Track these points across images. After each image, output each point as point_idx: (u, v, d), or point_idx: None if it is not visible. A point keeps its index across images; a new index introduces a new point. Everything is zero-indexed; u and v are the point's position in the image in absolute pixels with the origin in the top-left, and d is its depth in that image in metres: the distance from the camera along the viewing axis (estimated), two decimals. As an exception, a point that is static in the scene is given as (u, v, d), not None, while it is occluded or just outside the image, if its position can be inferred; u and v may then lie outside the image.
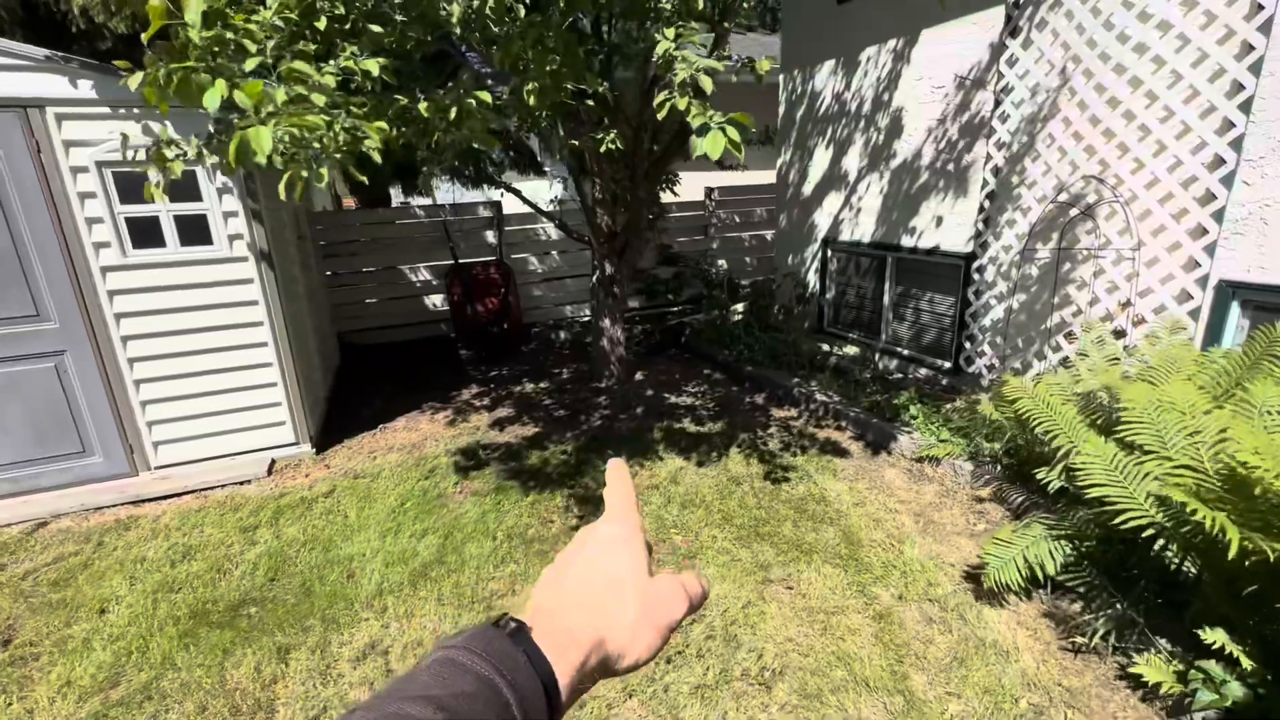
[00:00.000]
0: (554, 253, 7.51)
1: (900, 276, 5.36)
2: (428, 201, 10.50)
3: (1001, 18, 4.04)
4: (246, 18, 1.91)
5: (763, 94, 7.18)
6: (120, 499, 3.57)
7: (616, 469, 0.53)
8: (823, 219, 6.09)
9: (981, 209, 4.35)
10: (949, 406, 4.20)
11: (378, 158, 2.20)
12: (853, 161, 5.60)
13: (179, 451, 3.83)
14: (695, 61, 1.84)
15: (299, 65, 1.91)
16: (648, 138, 4.32)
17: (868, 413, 4.34)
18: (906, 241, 5.09)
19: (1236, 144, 3.02)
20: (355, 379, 5.86)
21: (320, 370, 5.00)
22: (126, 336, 3.57)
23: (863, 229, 5.56)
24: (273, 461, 3.99)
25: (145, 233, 3.52)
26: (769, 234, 8.29)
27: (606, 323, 5.21)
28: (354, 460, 4.06)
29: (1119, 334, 3.58)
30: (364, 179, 2.20)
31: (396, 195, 12.19)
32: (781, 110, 6.52)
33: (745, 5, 3.13)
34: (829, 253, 6.13)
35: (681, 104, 1.82)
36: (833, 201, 5.92)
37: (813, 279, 6.36)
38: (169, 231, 3.55)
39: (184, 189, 3.46)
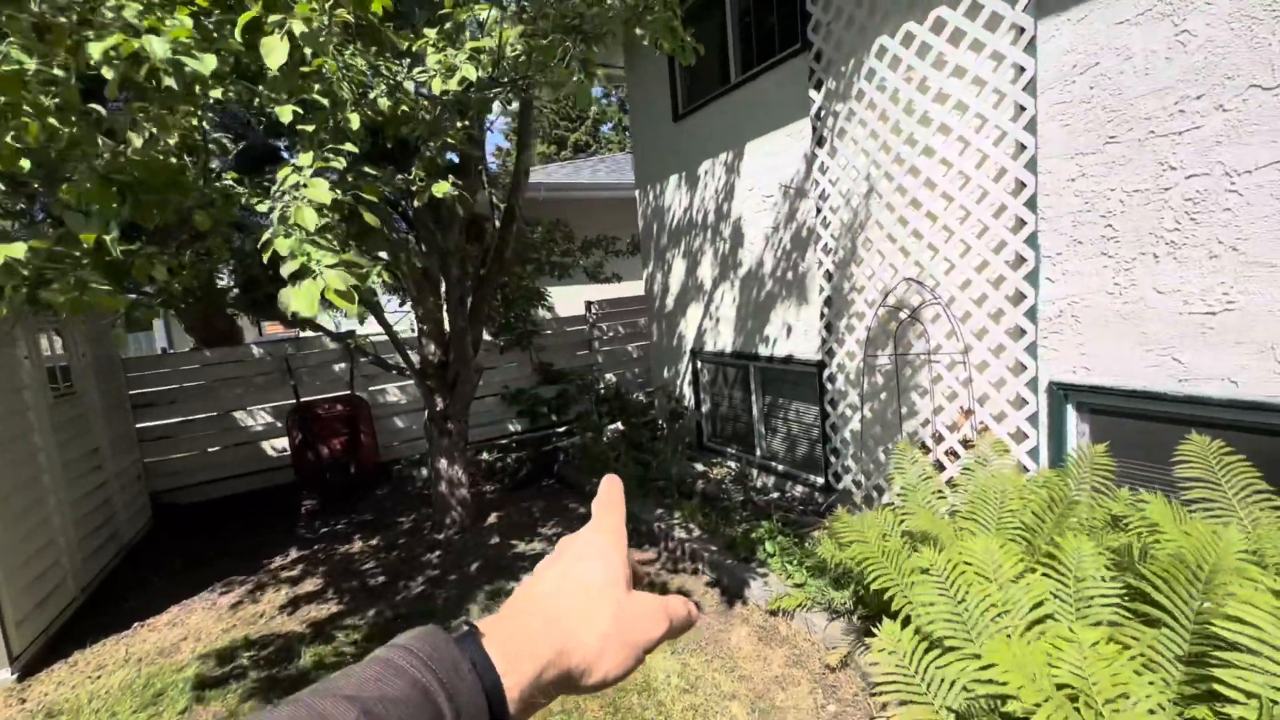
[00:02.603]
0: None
1: (766, 386, 5.04)
2: (278, 334, 9.86)
3: (810, 128, 4.02)
4: None
5: (633, 208, 7.17)
6: None
7: (610, 483, 0.52)
8: (689, 330, 5.83)
9: (823, 315, 4.11)
10: (817, 534, 3.69)
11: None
12: (706, 271, 5.43)
13: None
14: (311, 192, 1.44)
15: None
16: (455, 263, 3.95)
17: (726, 551, 3.77)
18: (764, 350, 4.81)
19: (1032, 241, 2.86)
20: (152, 551, 4.90)
21: (78, 556, 4.08)
22: None
23: (724, 339, 5.29)
24: (-50, 698, 3.01)
25: None
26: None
27: (443, 464, 4.58)
28: (65, 686, 3.12)
29: (966, 444, 3.24)
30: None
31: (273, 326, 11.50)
32: (640, 224, 6.45)
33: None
34: (699, 364, 5.81)
35: (282, 245, 1.39)
36: (695, 312, 5.69)
37: (687, 392, 5.99)
38: None
39: None
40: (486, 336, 7.10)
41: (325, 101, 1.71)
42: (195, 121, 1.90)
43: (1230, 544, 1.44)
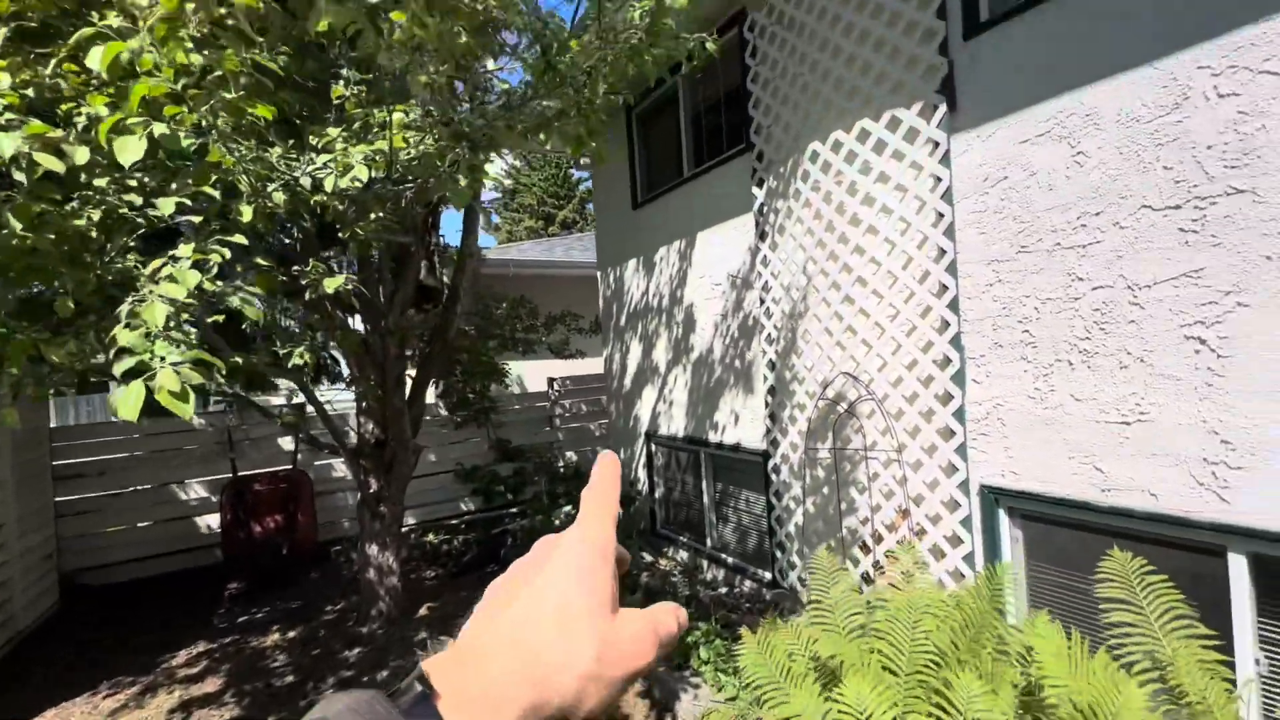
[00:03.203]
0: (372, 455, 6.70)
1: (717, 473, 4.92)
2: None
3: (754, 223, 4.13)
4: None
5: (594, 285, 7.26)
6: None
7: (607, 464, 0.43)
8: (644, 411, 5.76)
9: (767, 404, 4.08)
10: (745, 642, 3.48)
11: None
12: (661, 354, 5.43)
13: None
14: (164, 288, 1.39)
15: None
16: (395, 342, 3.90)
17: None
18: (714, 437, 4.73)
19: (956, 342, 2.88)
20: (50, 639, 4.50)
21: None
22: None
23: (677, 423, 5.21)
24: None
25: None
26: (621, 422, 7.93)
27: (373, 549, 4.33)
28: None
29: (906, 546, 3.13)
30: None
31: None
32: (601, 304, 6.50)
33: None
34: (653, 447, 5.70)
35: (124, 337, 1.33)
36: (650, 394, 5.64)
37: (642, 475, 5.85)
38: None
39: None
40: (443, 412, 6.99)
41: (216, 194, 1.70)
42: (95, 209, 1.87)
43: (1131, 699, 1.34)
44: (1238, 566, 2.11)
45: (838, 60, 3.36)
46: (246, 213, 1.72)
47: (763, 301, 4.03)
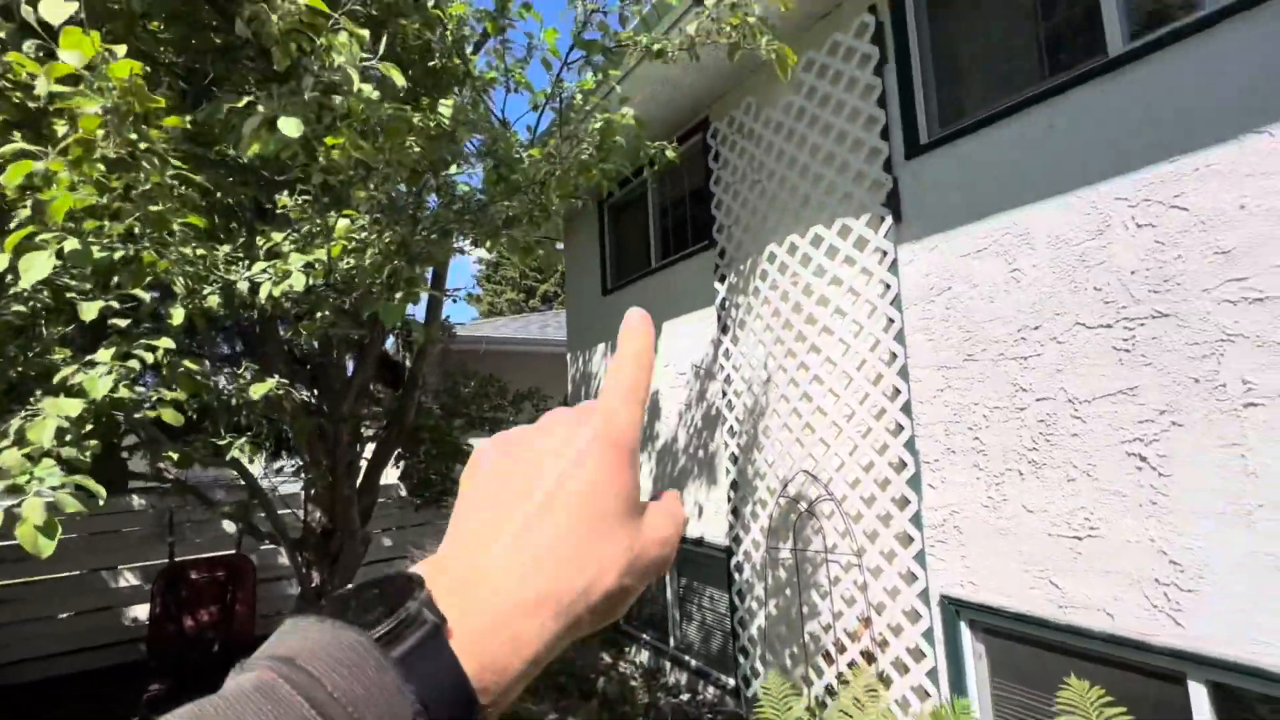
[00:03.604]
0: (324, 539, 6.38)
1: (681, 568, 4.75)
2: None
3: (716, 316, 4.20)
4: None
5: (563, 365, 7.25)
6: None
7: (637, 328, 0.34)
8: (609, 498, 5.61)
9: (729, 499, 4.00)
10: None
11: None
12: (627, 440, 5.35)
13: None
14: (53, 405, 1.31)
15: None
16: (348, 429, 3.79)
17: (612, 778, 3.26)
18: (677, 529, 4.59)
19: (911, 446, 2.87)
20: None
21: None
22: None
23: (641, 512, 5.07)
24: None
25: None
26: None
27: (310, 650, 4.02)
28: None
29: (868, 657, 2.99)
30: None
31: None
32: (569, 387, 6.48)
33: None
34: (617, 536, 5.52)
35: (4, 458, 1.25)
36: (615, 480, 5.52)
37: (605, 566, 5.62)
38: None
39: None
40: (403, 493, 6.74)
41: (146, 297, 1.67)
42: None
43: None
44: (1198, 695, 2.03)
45: (792, 170, 3.54)
46: (177, 315, 1.69)
47: (725, 394, 4.03)
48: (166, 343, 1.68)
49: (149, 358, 1.62)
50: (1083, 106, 2.33)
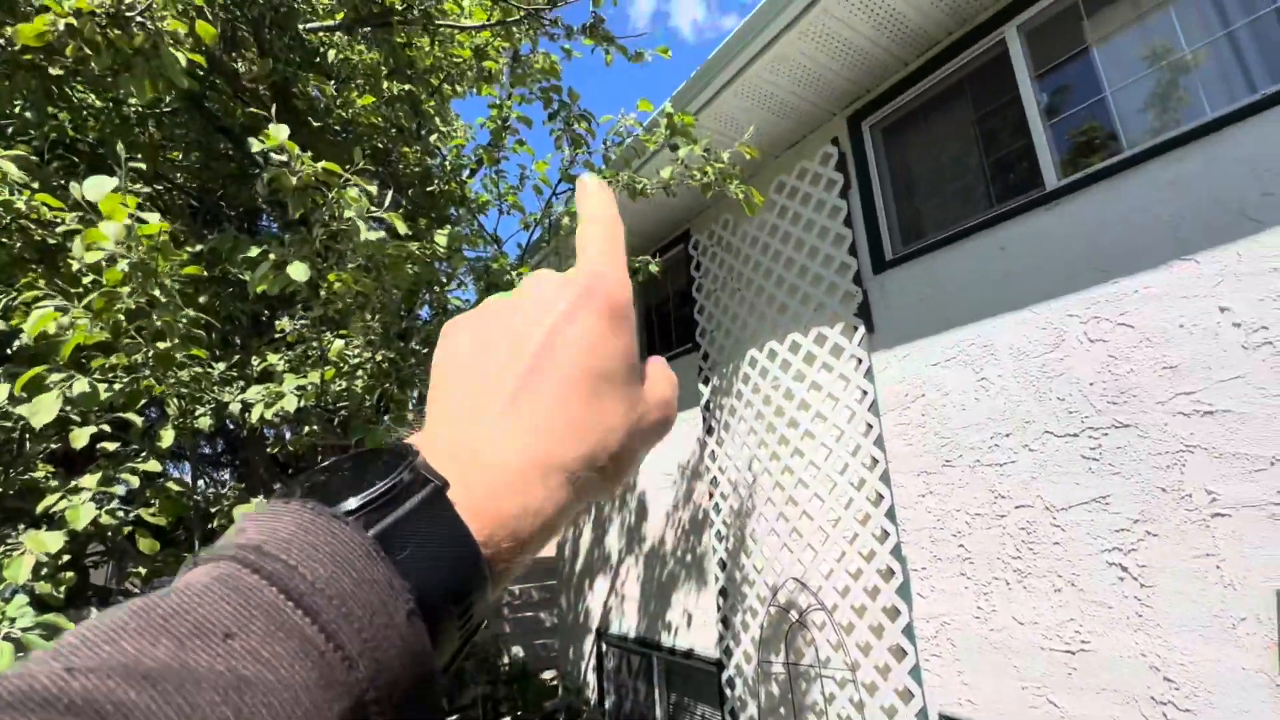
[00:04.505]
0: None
1: (670, 683, 4.51)
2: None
3: (701, 417, 4.26)
4: None
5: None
6: None
7: (595, 184, 0.32)
8: (596, 605, 5.40)
9: (719, 607, 3.87)
10: None
11: None
12: (614, 543, 5.24)
13: None
14: (32, 542, 1.32)
15: None
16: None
17: None
18: (666, 639, 4.41)
19: (897, 552, 2.86)
20: None
21: None
22: None
23: (629, 620, 4.87)
24: None
25: None
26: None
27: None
28: None
29: (870, 787, 2.80)
30: None
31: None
32: (556, 485, 6.39)
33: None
34: (604, 646, 5.26)
35: None
36: (601, 585, 5.34)
37: (591, 680, 5.31)
38: None
39: None
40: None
41: (138, 421, 1.71)
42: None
43: None
44: (1213, 830, 1.92)
45: (769, 281, 3.74)
46: (167, 437, 1.72)
47: (711, 495, 4.02)
48: (153, 466, 1.70)
49: (134, 481, 1.64)
50: (1029, 231, 2.54)
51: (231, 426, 2.24)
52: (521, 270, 2.60)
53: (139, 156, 2.81)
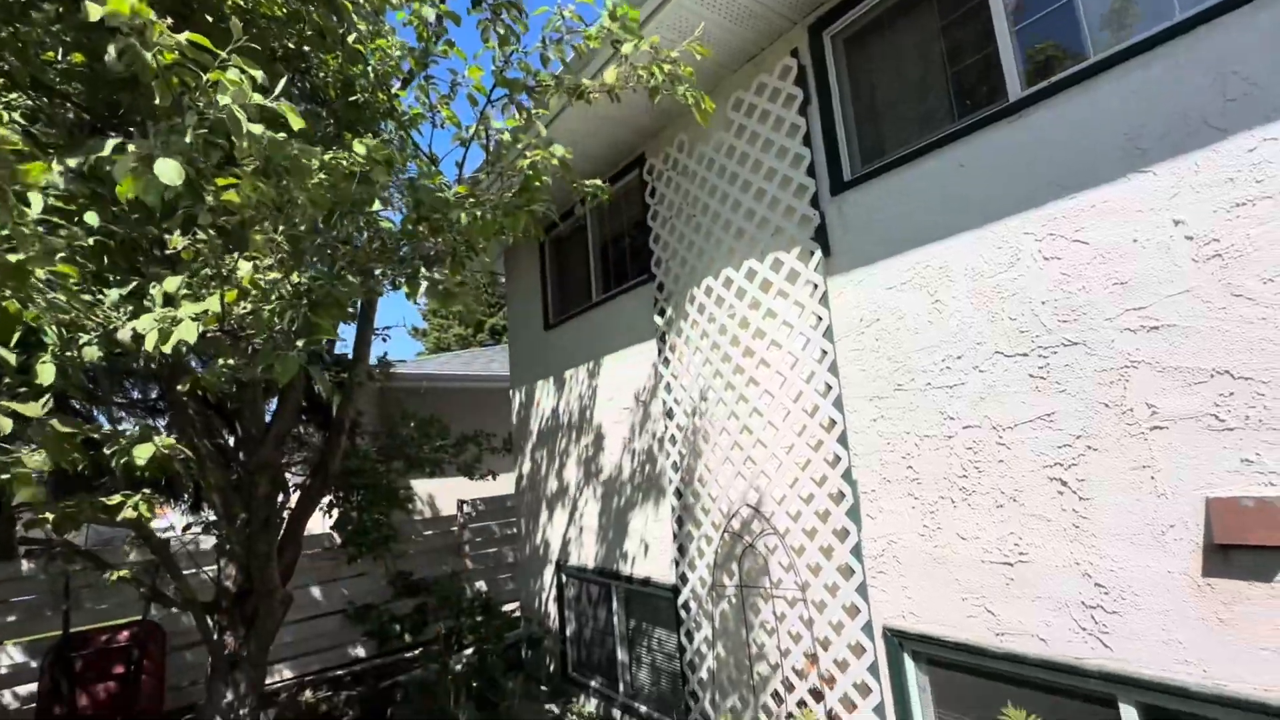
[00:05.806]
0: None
1: (629, 610, 4.60)
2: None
3: (656, 348, 4.17)
4: None
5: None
6: None
7: None
8: (554, 538, 5.43)
9: (675, 535, 3.92)
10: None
11: None
12: (572, 476, 5.22)
13: None
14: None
15: None
16: (265, 480, 3.54)
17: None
18: (624, 569, 4.47)
19: (848, 476, 2.88)
20: None
21: None
22: None
23: (588, 552, 4.92)
24: None
25: None
26: (537, 545, 7.46)
27: (222, 727, 3.66)
28: None
29: (816, 695, 2.94)
30: None
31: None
32: (514, 423, 6.31)
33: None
34: (564, 578, 5.33)
35: None
36: (560, 519, 5.36)
37: (552, 610, 5.41)
38: None
39: None
40: (338, 541, 6.35)
41: (11, 357, 1.49)
42: None
43: None
44: (1129, 718, 2.05)
45: (725, 205, 3.59)
46: (45, 372, 1.51)
47: (667, 427, 3.99)
48: (34, 409, 1.49)
49: (6, 425, 1.44)
50: (989, 146, 2.45)
51: (146, 364, 2.03)
52: (459, 189, 2.38)
53: (5, 54, 2.42)
